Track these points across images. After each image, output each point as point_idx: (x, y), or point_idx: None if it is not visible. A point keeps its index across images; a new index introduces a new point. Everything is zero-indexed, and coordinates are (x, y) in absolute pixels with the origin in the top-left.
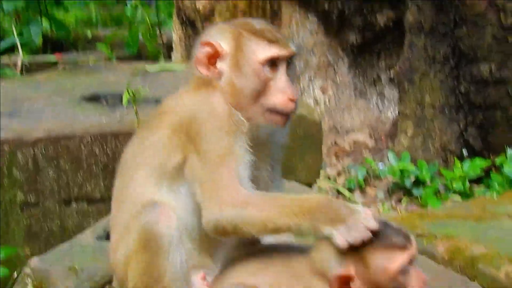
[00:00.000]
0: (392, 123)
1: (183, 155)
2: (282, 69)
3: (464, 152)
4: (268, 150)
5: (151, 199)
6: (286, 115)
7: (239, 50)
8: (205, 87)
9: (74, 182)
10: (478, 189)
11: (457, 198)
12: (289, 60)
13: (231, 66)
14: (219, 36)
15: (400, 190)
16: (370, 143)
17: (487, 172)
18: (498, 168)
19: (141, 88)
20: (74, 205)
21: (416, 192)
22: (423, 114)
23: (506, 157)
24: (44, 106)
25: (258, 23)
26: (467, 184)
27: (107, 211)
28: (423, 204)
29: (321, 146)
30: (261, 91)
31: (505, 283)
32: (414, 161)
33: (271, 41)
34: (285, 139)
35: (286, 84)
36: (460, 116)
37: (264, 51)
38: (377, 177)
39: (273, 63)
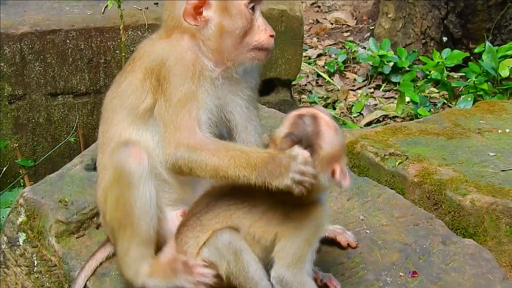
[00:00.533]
0: (374, 4)
1: (154, 98)
2: (258, 9)
3: (444, 39)
4: (242, 92)
5: (125, 139)
6: (267, 51)
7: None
8: (176, 34)
9: (60, 76)
10: (455, 80)
11: (434, 92)
12: None
13: (219, 12)
14: None
15: (379, 76)
16: (351, 22)
17: (465, 60)
18: (476, 57)
19: None
20: (60, 98)
21: (394, 78)
22: None
23: (484, 48)
24: None
25: None
26: (445, 73)
27: (92, 104)
28: (401, 91)
29: (302, 42)
30: (247, 30)
31: (470, 209)
32: (394, 47)
33: None
34: (257, 80)
35: (265, 22)
36: (441, 2)
37: None
38: (357, 61)
39: (252, 4)
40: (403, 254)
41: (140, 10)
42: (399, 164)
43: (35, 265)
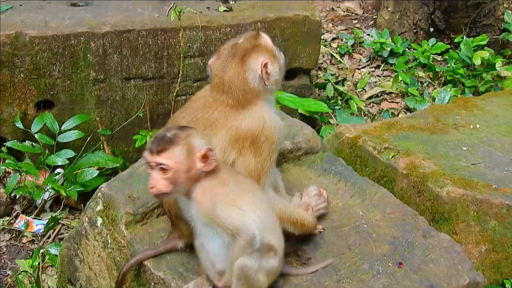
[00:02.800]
0: None
1: (239, 154)
2: None
3: (431, 30)
4: None
5: None
6: None
7: (275, 55)
8: (253, 103)
9: (132, 64)
10: (438, 63)
11: (421, 73)
12: None
13: (277, 68)
14: (264, 56)
15: (379, 58)
16: (359, 11)
17: (448, 49)
18: (456, 46)
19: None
20: (132, 81)
21: (391, 60)
22: None
23: (462, 39)
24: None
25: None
26: (431, 58)
27: (156, 86)
28: (396, 71)
29: (320, 40)
30: None
31: (446, 199)
32: (392, 34)
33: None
34: None
35: None
36: (430, 1)
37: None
38: (362, 46)
39: None
40: (392, 247)
41: (196, 13)
42: (392, 157)
43: (109, 243)
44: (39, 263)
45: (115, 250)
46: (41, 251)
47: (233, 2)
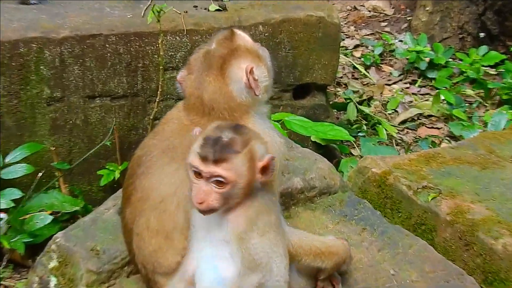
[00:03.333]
0: None
1: None
2: None
3: (481, 35)
4: None
5: None
6: None
7: (260, 58)
8: (242, 120)
9: (98, 79)
10: (491, 77)
11: (470, 91)
12: None
13: (265, 71)
14: (247, 59)
15: (415, 71)
16: (389, 11)
17: (503, 60)
18: None
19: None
20: (97, 100)
21: (430, 74)
22: None
23: None
24: None
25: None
26: (482, 71)
27: (128, 106)
28: (436, 88)
29: (339, 48)
30: None
31: (501, 254)
32: (431, 40)
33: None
34: None
35: None
36: None
37: (264, 50)
38: (393, 54)
39: None
40: None
41: (180, 14)
42: (432, 199)
43: None
44: None
45: None
46: None
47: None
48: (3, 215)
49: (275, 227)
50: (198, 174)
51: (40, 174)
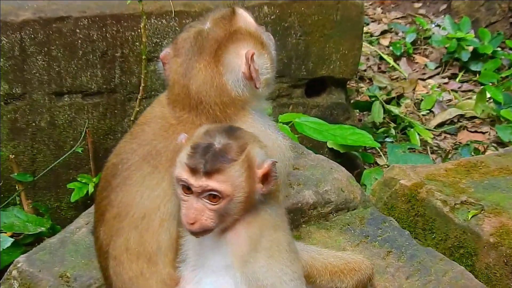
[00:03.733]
0: None
1: None
2: None
3: None
4: None
5: None
6: None
7: (262, 42)
8: (238, 118)
9: (67, 72)
10: None
11: None
12: None
13: (268, 61)
14: (248, 45)
15: (455, 63)
16: None
17: None
18: None
19: None
20: (66, 98)
21: (474, 67)
22: None
23: None
24: None
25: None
26: None
27: (104, 105)
28: (481, 83)
29: (362, 34)
30: None
31: None
32: (475, 25)
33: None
34: None
35: None
36: None
37: (268, 35)
38: (429, 42)
39: None
40: None
41: None
42: (472, 217)
43: None
44: None
45: None
46: None
47: None
48: None
49: (285, 244)
50: (188, 189)
51: None
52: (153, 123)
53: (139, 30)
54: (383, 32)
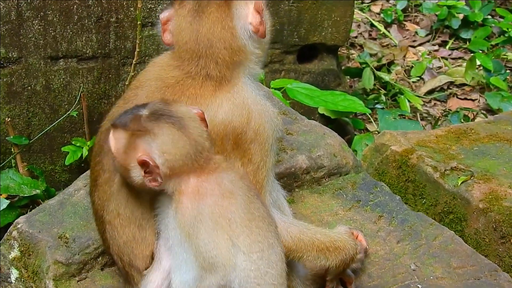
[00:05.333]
0: None
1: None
2: None
3: None
4: None
5: None
6: None
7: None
8: (234, 77)
9: (62, 36)
10: None
11: (511, 55)
12: None
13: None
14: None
15: (446, 30)
16: None
17: None
18: None
19: None
20: (62, 62)
21: (464, 34)
22: None
23: None
24: None
25: None
26: None
27: (99, 70)
28: (471, 51)
29: (353, 1)
30: None
31: None
32: None
33: None
34: None
35: None
36: None
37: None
38: (419, 9)
39: None
40: None
41: None
42: (462, 183)
43: None
44: None
45: None
46: None
47: None
48: None
49: (238, 212)
50: None
51: None
52: (147, 86)
53: None
54: (375, 0)
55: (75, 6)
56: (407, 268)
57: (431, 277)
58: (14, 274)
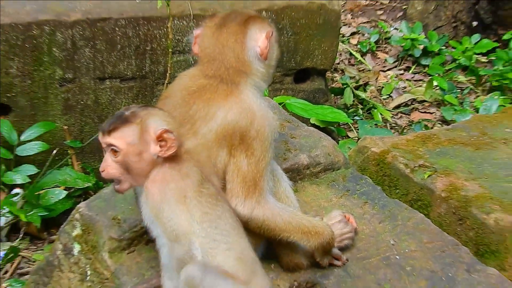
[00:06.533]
0: None
1: (230, 156)
2: None
3: (474, 24)
4: None
5: None
6: None
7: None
8: (241, 86)
9: (108, 61)
10: (483, 65)
11: (461, 78)
12: None
13: (275, 52)
14: (264, 27)
15: (409, 58)
16: (385, 0)
17: (495, 47)
18: (505, 44)
19: None
20: (107, 82)
21: (424, 61)
22: None
23: None
24: None
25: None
26: (474, 58)
27: (137, 88)
28: (429, 74)
29: (339, 34)
30: None
31: (493, 228)
32: (425, 28)
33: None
34: None
35: None
36: None
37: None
38: (388, 41)
39: None
40: (430, 283)
41: None
42: (428, 177)
43: (88, 274)
44: None
45: (96, 284)
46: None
47: None
48: (19, 190)
49: (194, 192)
50: (102, 147)
51: (53, 152)
52: (173, 96)
53: (165, 29)
54: (353, 34)
55: (118, 37)
56: (387, 243)
57: (406, 250)
58: (77, 248)
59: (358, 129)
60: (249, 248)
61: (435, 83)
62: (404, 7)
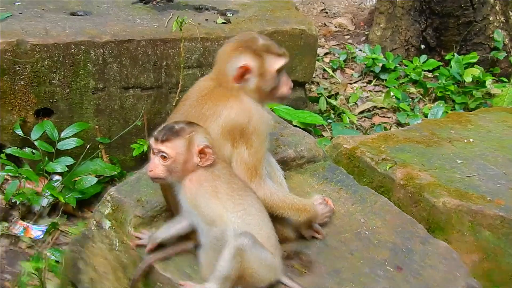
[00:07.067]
0: (369, 13)
1: (233, 147)
2: (283, 70)
3: (422, 47)
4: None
5: None
6: (287, 97)
7: (261, 66)
8: (237, 94)
9: (131, 74)
10: (429, 80)
11: (412, 89)
12: None
13: (257, 77)
14: (246, 59)
15: (371, 73)
16: (351, 27)
17: (439, 66)
18: (447, 63)
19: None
20: (131, 91)
21: (383, 76)
22: (394, 12)
23: (453, 56)
24: (108, 7)
25: (265, 40)
26: (422, 74)
27: (154, 96)
28: (387, 86)
29: (316, 54)
30: (275, 87)
31: (442, 209)
32: (384, 50)
33: (279, 55)
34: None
35: (287, 78)
36: (422, 18)
37: (277, 63)
38: (354, 60)
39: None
40: (392, 252)
41: (195, 25)
42: (389, 168)
43: (116, 245)
44: (44, 267)
45: (122, 253)
46: (43, 254)
47: (231, 14)
48: (58, 177)
49: (224, 188)
50: (153, 151)
51: (87, 146)
52: (190, 98)
53: (177, 48)
54: (326, 54)
55: (139, 55)
56: (358, 221)
57: (374, 227)
58: (107, 224)
59: (331, 130)
60: (272, 227)
61: (391, 93)
62: (367, 33)
